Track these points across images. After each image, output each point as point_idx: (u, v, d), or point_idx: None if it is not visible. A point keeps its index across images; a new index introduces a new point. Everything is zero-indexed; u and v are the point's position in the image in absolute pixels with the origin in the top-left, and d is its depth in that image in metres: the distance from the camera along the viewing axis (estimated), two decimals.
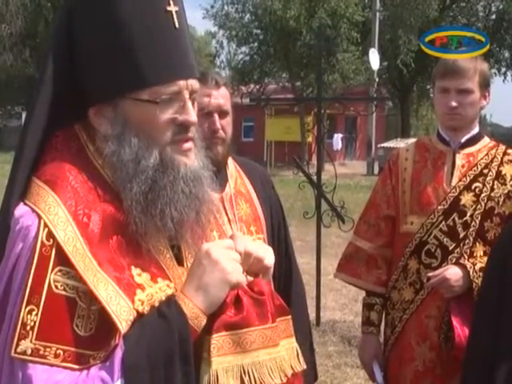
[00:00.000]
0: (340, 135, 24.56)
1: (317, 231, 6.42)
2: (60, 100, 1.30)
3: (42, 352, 1.15)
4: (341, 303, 6.95)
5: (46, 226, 1.19)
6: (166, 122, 1.27)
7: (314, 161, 7.53)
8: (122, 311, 1.19)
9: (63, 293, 1.18)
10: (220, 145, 2.15)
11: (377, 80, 21.76)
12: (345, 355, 5.39)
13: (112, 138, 1.27)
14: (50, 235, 1.18)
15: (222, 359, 1.25)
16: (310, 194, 6.90)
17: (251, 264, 1.34)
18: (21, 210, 1.22)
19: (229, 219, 2.16)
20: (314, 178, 6.49)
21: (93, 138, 1.31)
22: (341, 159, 29.61)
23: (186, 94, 1.28)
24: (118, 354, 1.16)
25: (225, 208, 2.17)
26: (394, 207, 2.71)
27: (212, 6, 28.82)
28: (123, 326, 1.18)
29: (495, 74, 31.48)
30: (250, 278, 1.35)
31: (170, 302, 1.23)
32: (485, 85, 2.60)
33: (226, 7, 28.81)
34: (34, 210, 1.21)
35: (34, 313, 1.15)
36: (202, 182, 1.32)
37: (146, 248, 1.28)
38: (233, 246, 1.30)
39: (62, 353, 1.16)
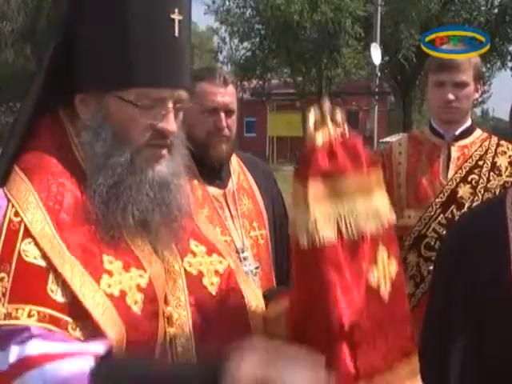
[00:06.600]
0: None
1: None
2: (51, 87, 1.32)
3: (14, 314, 1.15)
4: None
5: (13, 207, 1.22)
6: (144, 126, 1.28)
7: None
8: (86, 288, 1.19)
9: (34, 261, 1.19)
10: (225, 143, 2.17)
11: (378, 75, 21.69)
12: None
13: (89, 128, 1.29)
14: (18, 214, 1.21)
15: (319, 206, 1.23)
16: None
17: None
18: None
19: (231, 215, 2.18)
20: None
21: (76, 127, 1.32)
22: None
23: (170, 104, 1.29)
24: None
25: (227, 204, 2.20)
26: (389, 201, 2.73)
27: (213, 2, 28.79)
28: (89, 302, 1.18)
29: (499, 68, 31.38)
30: None
31: None
32: (478, 78, 2.63)
33: (227, 2, 28.77)
34: (6, 195, 1.24)
35: (5, 280, 1.17)
36: (169, 188, 1.33)
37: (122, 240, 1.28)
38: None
39: (36, 313, 1.15)
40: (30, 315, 1.15)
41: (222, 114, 2.15)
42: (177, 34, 1.28)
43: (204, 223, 1.57)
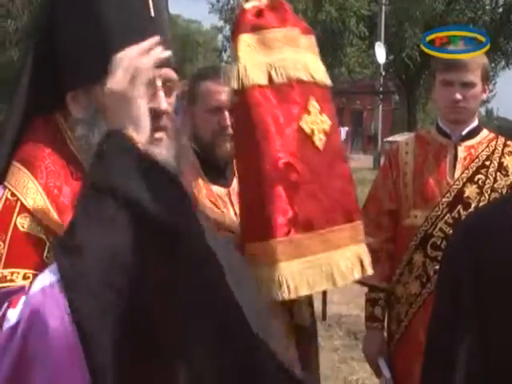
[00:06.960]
0: (346, 128, 24.53)
1: None
2: (40, 87, 1.33)
3: (9, 278, 1.16)
4: (347, 297, 6.97)
5: (9, 190, 1.24)
6: None
7: None
8: None
9: (30, 232, 1.20)
10: (229, 142, 2.16)
11: (383, 74, 21.67)
12: (351, 349, 5.40)
13: (83, 122, 1.30)
14: (14, 195, 1.23)
15: (249, 54, 1.34)
16: None
17: None
18: None
19: (235, 212, 2.18)
20: None
21: (70, 123, 1.34)
22: (347, 153, 29.54)
23: (159, 83, 1.29)
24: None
25: (231, 202, 2.20)
26: (395, 201, 2.72)
27: (218, 1, 28.83)
28: None
29: (503, 67, 31.31)
30: None
31: None
32: (486, 78, 2.62)
33: (231, 1, 28.77)
34: (5, 186, 1.26)
35: (0, 247, 1.18)
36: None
37: None
38: None
39: (31, 276, 1.16)
40: (25, 277, 1.17)
41: (227, 113, 2.15)
42: (153, 14, 1.30)
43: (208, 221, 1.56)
